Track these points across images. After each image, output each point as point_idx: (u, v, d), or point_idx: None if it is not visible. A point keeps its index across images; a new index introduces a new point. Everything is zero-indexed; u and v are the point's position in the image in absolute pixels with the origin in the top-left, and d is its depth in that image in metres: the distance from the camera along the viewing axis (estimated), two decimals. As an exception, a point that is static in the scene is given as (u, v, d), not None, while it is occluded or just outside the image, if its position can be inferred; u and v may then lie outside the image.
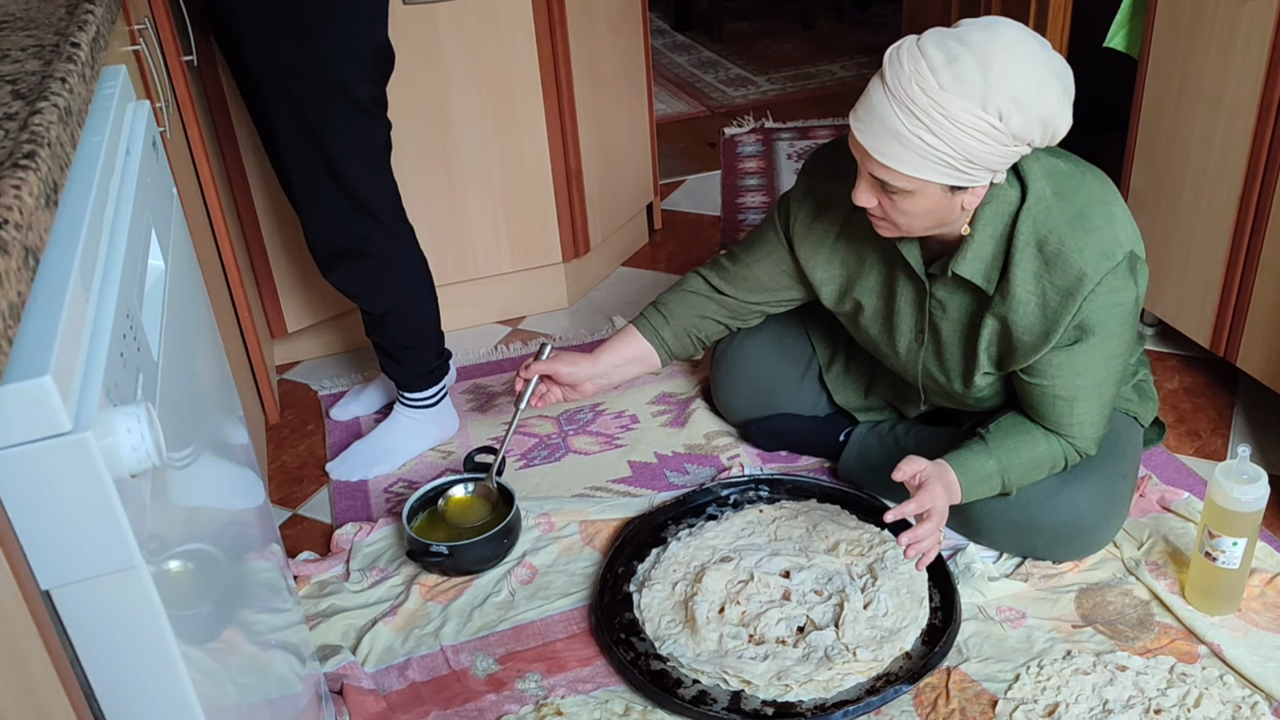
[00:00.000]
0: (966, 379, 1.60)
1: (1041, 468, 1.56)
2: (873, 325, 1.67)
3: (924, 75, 1.29)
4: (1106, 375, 1.50)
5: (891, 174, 1.35)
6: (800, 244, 1.67)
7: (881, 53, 1.37)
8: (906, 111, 1.30)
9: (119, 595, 0.63)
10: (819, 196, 1.64)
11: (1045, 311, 1.45)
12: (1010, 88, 1.29)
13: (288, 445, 2.06)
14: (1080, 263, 1.41)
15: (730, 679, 1.48)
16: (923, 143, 1.31)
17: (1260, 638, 1.51)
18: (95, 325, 0.66)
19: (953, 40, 1.31)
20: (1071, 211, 1.43)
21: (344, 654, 1.55)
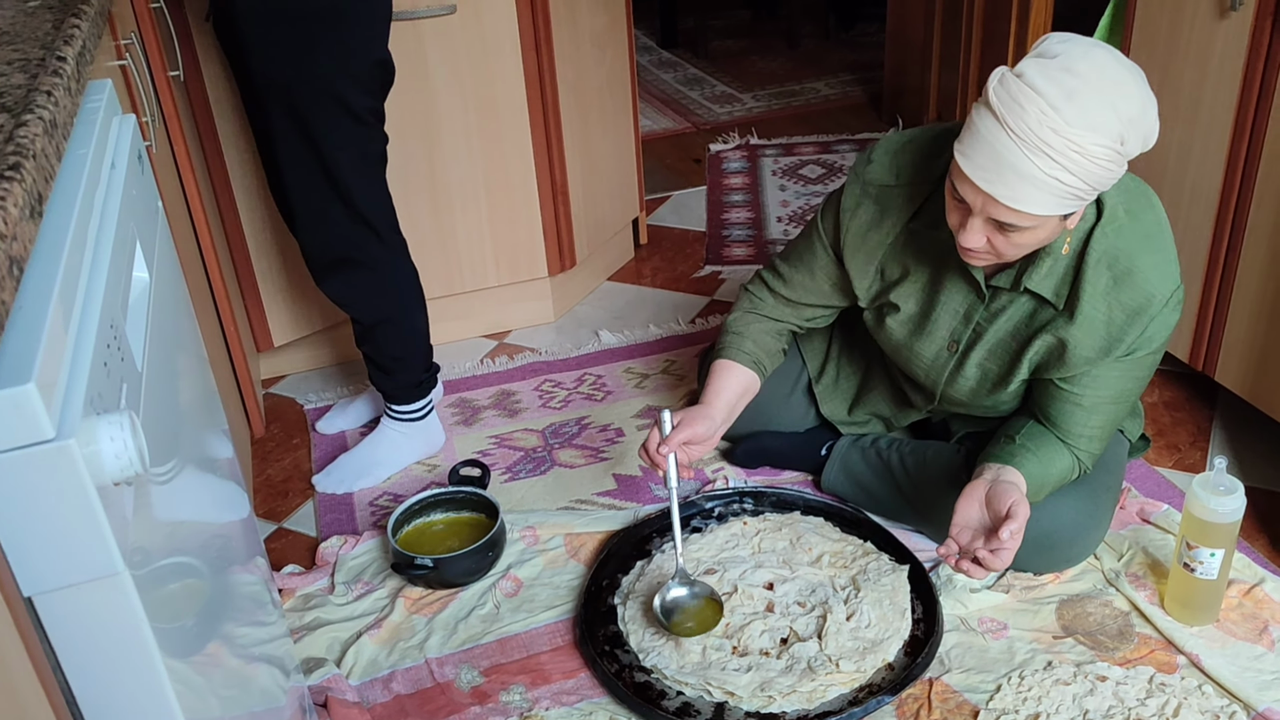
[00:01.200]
0: (998, 386, 1.60)
1: (1062, 480, 1.56)
2: (902, 329, 1.65)
3: (1049, 114, 1.25)
4: (1127, 394, 1.53)
5: (1019, 215, 1.33)
6: (851, 254, 1.63)
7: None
8: (1041, 155, 1.26)
9: (101, 602, 0.64)
10: (876, 203, 1.60)
11: (1110, 329, 1.46)
12: (1126, 111, 1.28)
13: (273, 459, 2.06)
14: (1149, 284, 1.43)
15: (714, 690, 1.48)
16: (1059, 182, 1.28)
17: (1238, 648, 1.53)
18: (79, 335, 0.67)
19: (1060, 71, 1.26)
20: (1141, 232, 1.45)
21: (328, 667, 1.55)
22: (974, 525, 1.45)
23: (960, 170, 1.33)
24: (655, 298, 2.58)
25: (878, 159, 1.60)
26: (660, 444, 1.53)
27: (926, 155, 1.56)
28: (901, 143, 1.60)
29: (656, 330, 2.42)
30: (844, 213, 1.62)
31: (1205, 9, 1.79)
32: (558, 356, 2.35)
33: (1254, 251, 1.81)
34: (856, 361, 1.86)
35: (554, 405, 2.19)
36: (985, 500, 1.46)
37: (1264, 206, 1.77)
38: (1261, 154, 1.75)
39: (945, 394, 1.68)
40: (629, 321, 2.48)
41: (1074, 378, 1.51)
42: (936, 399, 1.70)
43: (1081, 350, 1.48)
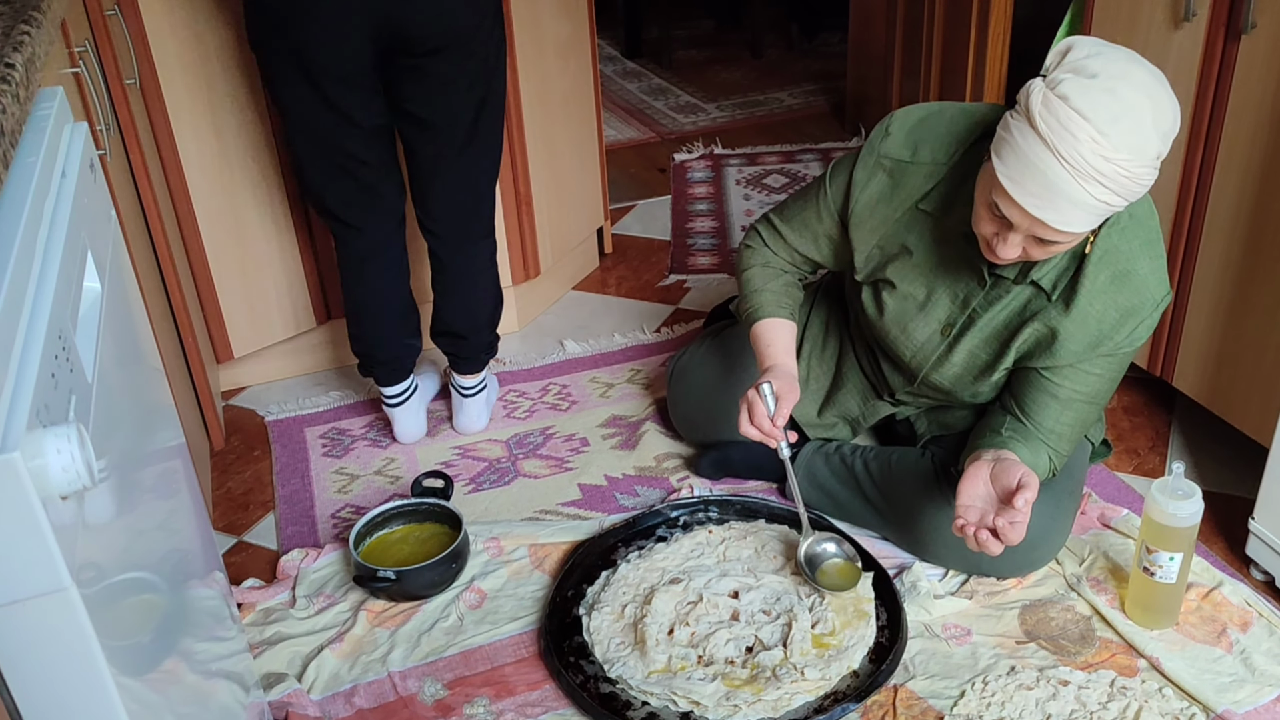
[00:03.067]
0: (986, 372, 1.61)
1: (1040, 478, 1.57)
2: (897, 308, 1.64)
3: (1100, 143, 1.26)
4: (1101, 394, 1.55)
5: (1064, 235, 1.34)
6: (857, 226, 1.63)
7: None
8: (1094, 183, 1.27)
9: (48, 619, 0.62)
10: (888, 180, 1.58)
11: (1102, 326, 1.48)
12: (1162, 127, 1.29)
13: (233, 471, 2.04)
14: (1144, 287, 1.46)
15: (679, 700, 1.48)
16: (1106, 205, 1.30)
17: (1197, 650, 1.54)
18: (25, 346, 0.65)
19: (1102, 94, 1.26)
20: (1145, 235, 1.47)
21: (289, 682, 1.53)
22: (980, 503, 1.46)
23: (1008, 195, 1.33)
24: (620, 307, 2.58)
25: (895, 132, 1.59)
26: (774, 418, 1.56)
27: (946, 139, 1.55)
28: (919, 117, 1.59)
29: (621, 339, 2.42)
30: (855, 184, 1.61)
31: (1160, 19, 1.82)
32: (522, 366, 2.34)
33: (1210, 258, 1.83)
34: (828, 361, 1.87)
35: (518, 415, 2.18)
36: (991, 477, 1.46)
37: (1219, 214, 1.79)
38: (1216, 162, 1.77)
39: (927, 378, 1.68)
40: (594, 331, 2.47)
41: (1058, 369, 1.52)
42: (917, 381, 1.70)
43: (1070, 343, 1.50)
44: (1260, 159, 1.69)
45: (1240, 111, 1.71)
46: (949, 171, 1.54)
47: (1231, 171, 1.75)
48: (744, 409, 1.58)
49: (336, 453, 2.07)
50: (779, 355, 1.66)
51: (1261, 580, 1.68)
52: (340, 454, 2.07)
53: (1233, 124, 1.73)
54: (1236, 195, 1.75)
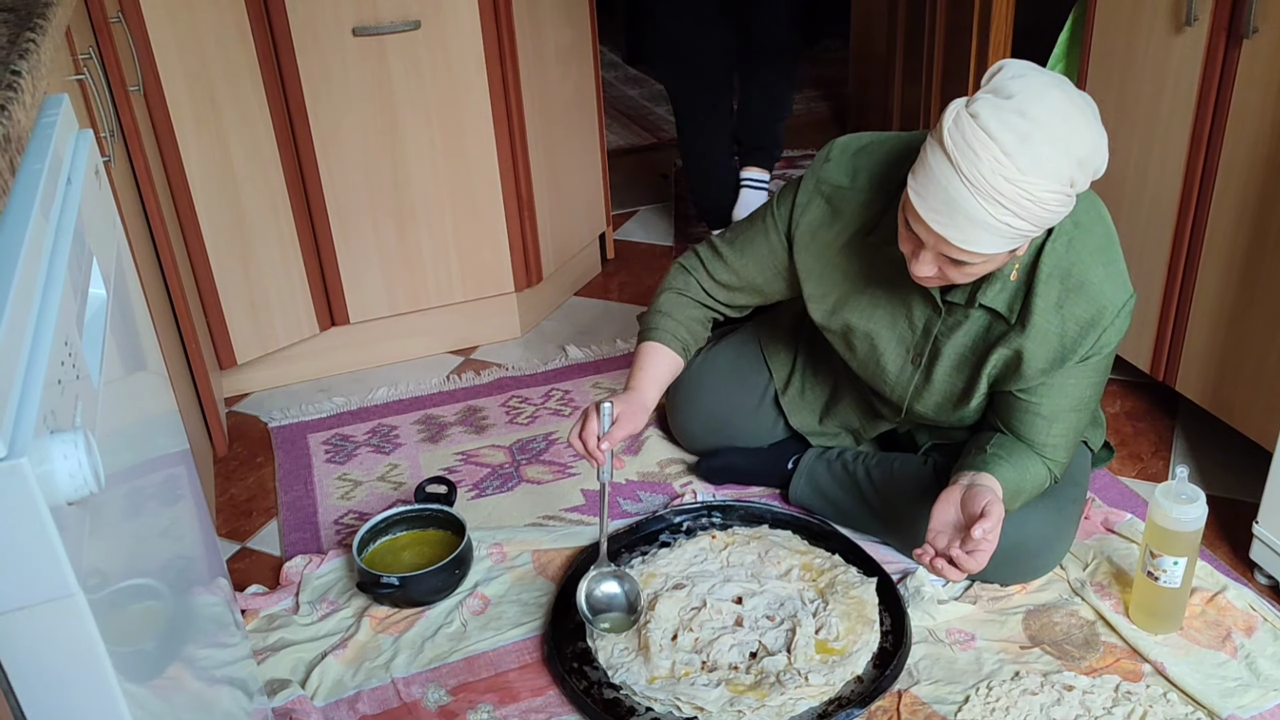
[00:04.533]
0: (962, 400, 1.61)
1: (1037, 490, 1.57)
2: (863, 344, 1.65)
3: (1003, 163, 1.25)
4: (1087, 400, 1.54)
5: (971, 255, 1.34)
6: (800, 251, 1.63)
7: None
8: (993, 202, 1.27)
9: (55, 625, 0.62)
10: (829, 202, 1.59)
11: (1064, 341, 1.48)
12: (1077, 153, 1.28)
13: (236, 478, 2.04)
14: (1101, 295, 1.45)
15: (683, 706, 1.47)
16: (1009, 226, 1.29)
17: (1202, 655, 1.54)
18: (32, 352, 0.65)
19: (1014, 115, 1.26)
20: (1093, 244, 1.46)
21: (293, 688, 1.53)
22: (950, 528, 1.46)
23: (914, 209, 1.34)
24: (622, 312, 2.58)
25: (835, 158, 1.59)
26: (602, 439, 1.52)
27: (886, 165, 1.56)
28: (861, 145, 1.59)
29: (624, 345, 2.42)
30: (797, 207, 1.62)
31: (1161, 25, 1.82)
32: (525, 372, 2.34)
33: (1212, 262, 1.83)
34: (823, 373, 1.87)
35: (521, 421, 2.18)
36: (961, 503, 1.46)
37: (1221, 218, 1.79)
38: (1218, 166, 1.77)
39: (911, 408, 1.68)
40: (596, 336, 2.47)
41: (1031, 388, 1.52)
42: (903, 413, 1.71)
43: (1036, 362, 1.50)
44: (1262, 164, 1.70)
45: (1242, 116, 1.71)
46: (890, 201, 1.54)
47: (1233, 177, 1.75)
48: (579, 419, 1.56)
49: (339, 459, 2.07)
50: (642, 382, 1.65)
51: (1266, 584, 1.68)
52: (343, 460, 2.07)
53: (1234, 129, 1.73)
54: (1238, 200, 1.75)
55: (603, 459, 1.53)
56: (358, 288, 2.26)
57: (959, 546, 1.41)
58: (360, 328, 2.32)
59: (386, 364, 2.38)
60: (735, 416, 1.91)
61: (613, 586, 1.60)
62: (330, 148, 2.11)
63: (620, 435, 1.53)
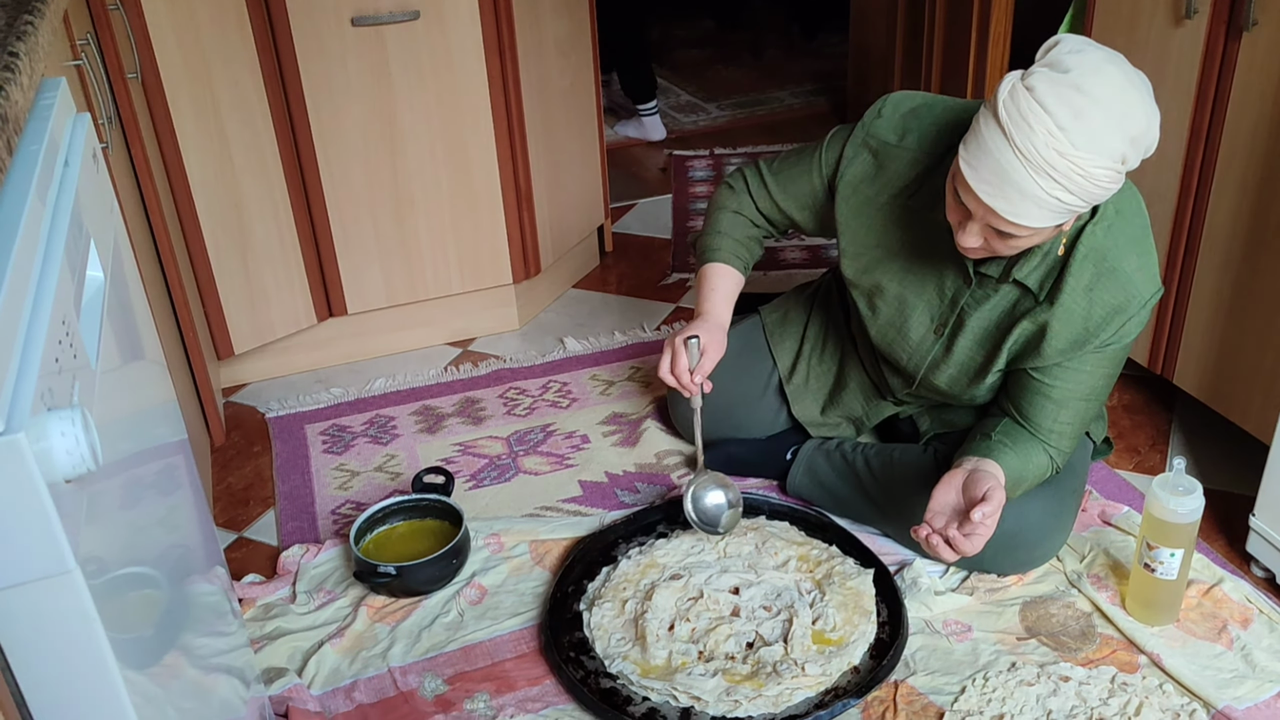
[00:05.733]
0: (979, 376, 1.61)
1: (1038, 479, 1.57)
2: (889, 308, 1.65)
3: (1056, 137, 1.25)
4: (1098, 391, 1.54)
5: (1019, 228, 1.33)
6: (841, 203, 1.63)
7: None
8: (1045, 176, 1.27)
9: (51, 601, 0.62)
10: (876, 155, 1.59)
11: (1089, 324, 1.48)
12: (1130, 131, 1.28)
13: (233, 467, 2.04)
14: (1131, 284, 1.45)
15: (680, 696, 1.47)
16: (1059, 200, 1.29)
17: (1198, 647, 1.54)
18: (30, 329, 0.65)
19: (1070, 90, 1.26)
20: (1131, 232, 1.47)
21: (289, 676, 1.53)
22: (949, 511, 1.46)
23: (965, 180, 1.33)
24: (620, 305, 2.58)
25: (887, 114, 1.60)
26: (694, 371, 1.61)
27: (936, 129, 1.55)
28: (914, 105, 1.59)
29: (622, 337, 2.42)
30: (844, 159, 1.63)
31: (1161, 16, 1.82)
32: (523, 364, 2.34)
33: (1211, 256, 1.83)
34: (828, 361, 1.87)
35: (519, 412, 2.18)
36: (962, 486, 1.47)
37: (1220, 211, 1.79)
38: (1217, 159, 1.77)
39: (925, 379, 1.68)
40: (594, 329, 2.47)
41: (1047, 369, 1.52)
42: (915, 383, 1.70)
43: (1057, 341, 1.50)
44: (1261, 156, 1.70)
45: (1241, 109, 1.71)
46: (936, 164, 1.53)
47: (1232, 169, 1.75)
48: (666, 354, 1.63)
49: (337, 449, 2.07)
50: (716, 304, 1.70)
51: (1262, 577, 1.68)
52: (340, 450, 2.07)
53: (1233, 121, 1.73)
54: (1237, 192, 1.75)
55: (697, 390, 1.63)
56: (356, 279, 2.26)
57: (957, 529, 1.41)
58: (358, 319, 2.32)
59: (384, 355, 2.38)
60: (738, 406, 1.91)
61: (719, 496, 1.72)
62: (329, 137, 2.11)
63: (710, 366, 1.62)
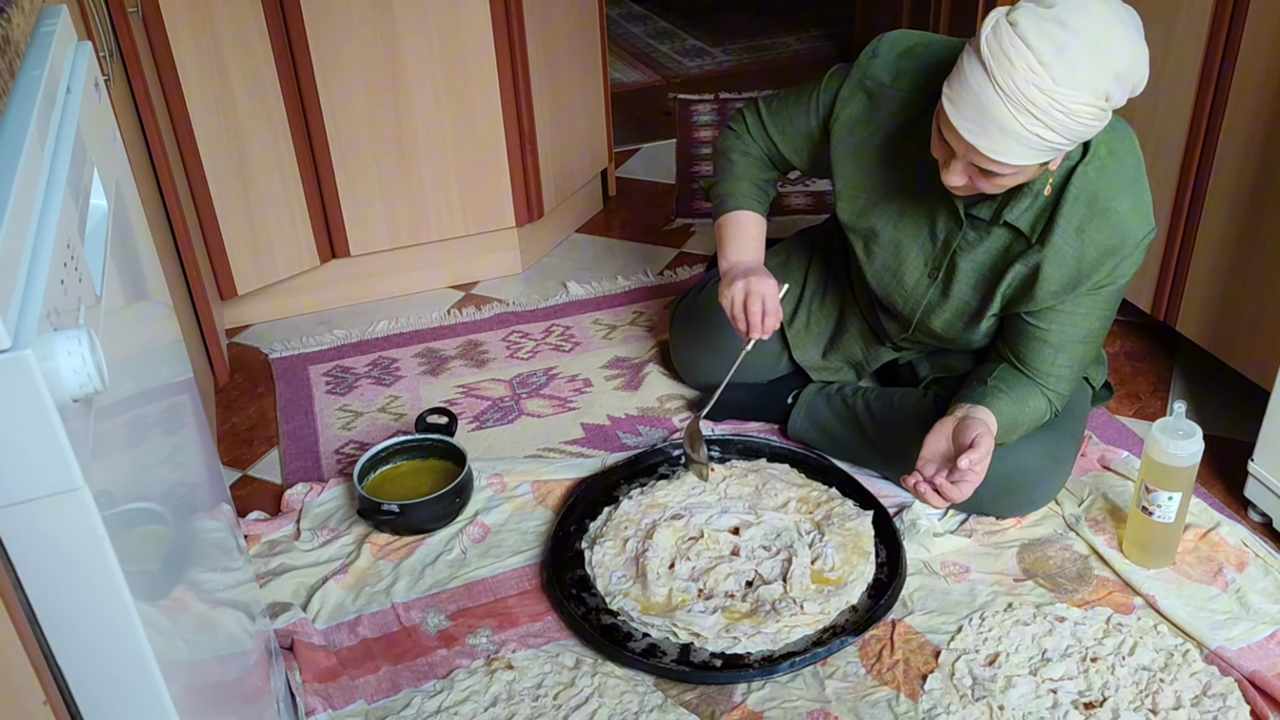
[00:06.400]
0: (976, 318, 1.61)
1: (1036, 423, 1.58)
2: (884, 251, 1.65)
3: (1037, 73, 1.24)
4: (1096, 332, 1.54)
5: (1001, 165, 1.33)
6: (837, 144, 1.63)
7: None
8: (1024, 112, 1.26)
9: (60, 518, 0.63)
10: (871, 97, 1.59)
11: (1081, 265, 1.47)
12: (1114, 67, 1.27)
13: (237, 407, 2.05)
14: (1124, 225, 1.45)
15: (680, 632, 1.49)
16: (1039, 138, 1.28)
17: (1193, 589, 1.56)
18: (35, 249, 0.65)
19: (1053, 25, 1.25)
20: (1124, 172, 1.46)
21: (294, 611, 1.55)
22: (939, 458, 1.47)
23: (946, 116, 1.33)
24: (624, 249, 2.58)
25: (883, 54, 1.59)
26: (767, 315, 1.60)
27: (930, 69, 1.54)
28: (909, 45, 1.58)
29: (625, 282, 2.42)
30: (839, 100, 1.62)
31: (1173, -41, 1.79)
32: (525, 307, 2.34)
33: (1217, 203, 1.82)
34: (829, 306, 1.87)
35: (521, 356, 2.18)
36: (953, 434, 1.47)
37: (1228, 159, 1.78)
38: (1226, 106, 1.76)
39: (921, 323, 1.68)
40: (597, 273, 2.47)
41: (1041, 312, 1.52)
42: (912, 328, 1.71)
43: (1049, 283, 1.50)
44: (1271, 103, 1.68)
45: (1252, 54, 1.70)
46: (929, 105, 1.51)
47: (1241, 114, 1.74)
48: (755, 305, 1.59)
49: (340, 390, 2.08)
50: (755, 250, 1.69)
51: (1259, 521, 1.69)
52: (344, 391, 2.08)
53: (1244, 66, 1.71)
54: (1245, 139, 1.74)
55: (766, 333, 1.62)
56: (359, 220, 2.25)
57: (946, 476, 1.42)
58: (361, 260, 2.31)
59: (387, 298, 2.38)
60: (738, 348, 1.91)
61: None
62: (331, 76, 2.09)
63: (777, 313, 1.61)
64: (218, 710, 0.97)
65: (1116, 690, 1.41)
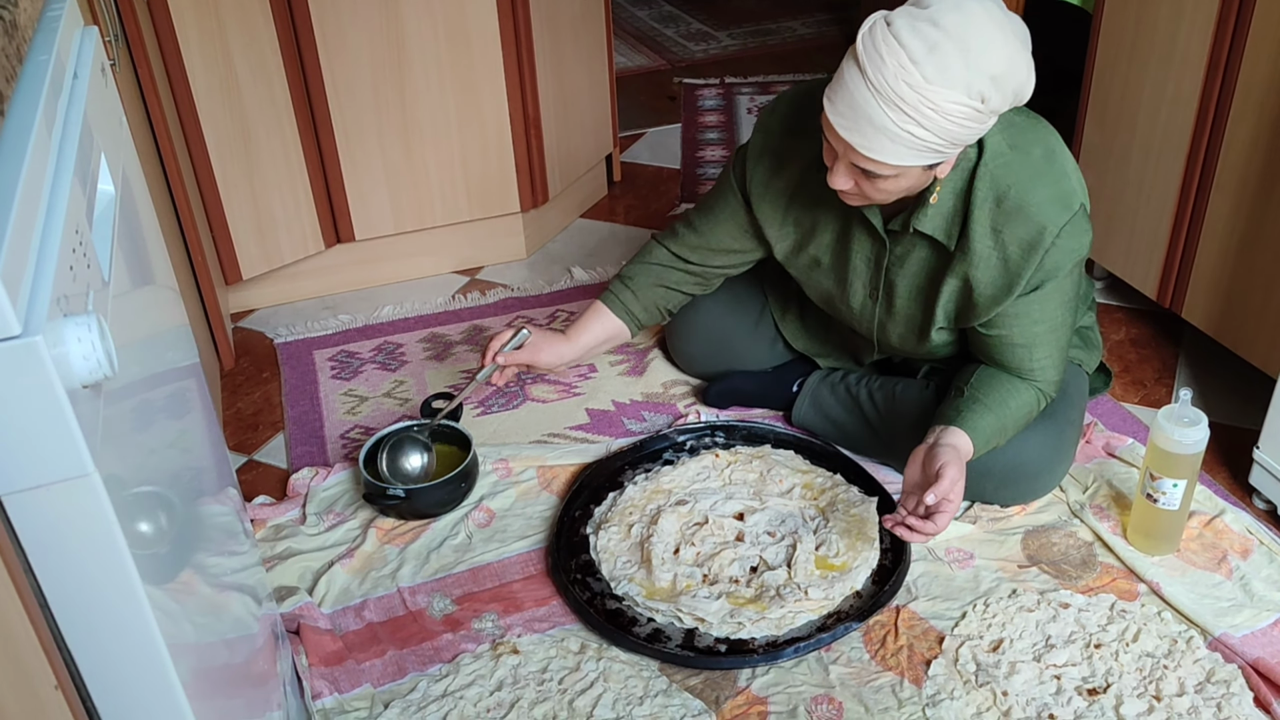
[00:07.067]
0: (922, 334, 1.62)
1: (1028, 416, 1.57)
2: (826, 281, 1.68)
3: (908, 69, 1.26)
4: (1062, 319, 1.54)
5: (877, 165, 1.34)
6: (758, 203, 1.66)
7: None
8: (894, 108, 1.28)
9: (71, 503, 0.63)
10: (775, 154, 1.63)
11: (1007, 265, 1.47)
12: (989, 69, 1.28)
13: (243, 392, 2.05)
14: (1040, 216, 1.44)
15: (684, 617, 1.50)
16: (911, 135, 1.29)
17: (1197, 576, 1.56)
18: (44, 235, 0.65)
19: (926, 24, 1.27)
20: (1028, 164, 1.45)
21: (300, 595, 1.55)
22: (917, 489, 1.46)
23: (825, 115, 1.35)
24: (628, 235, 2.57)
25: (780, 108, 1.63)
26: (497, 353, 1.65)
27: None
28: (804, 90, 1.61)
29: (629, 267, 2.41)
30: (749, 160, 1.65)
31: (1183, -56, 1.78)
32: (530, 293, 2.34)
33: (1224, 190, 1.82)
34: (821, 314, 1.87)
35: (526, 341, 2.18)
36: (922, 463, 1.47)
37: (1235, 146, 1.78)
38: (1234, 92, 1.75)
39: (881, 342, 1.71)
40: (602, 259, 2.47)
41: (992, 321, 1.52)
42: (875, 349, 1.74)
43: (984, 289, 1.50)
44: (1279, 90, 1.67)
45: (1260, 41, 1.69)
46: None
47: (1249, 102, 1.73)
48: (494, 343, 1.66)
49: (345, 375, 2.08)
50: (576, 333, 1.74)
51: (1264, 509, 1.70)
52: (349, 376, 2.08)
53: (1252, 54, 1.71)
54: (1254, 125, 1.73)
55: (488, 362, 1.66)
56: (363, 205, 2.25)
57: (915, 515, 1.42)
58: (366, 245, 2.31)
59: (392, 283, 2.38)
60: (733, 337, 1.91)
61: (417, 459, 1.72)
62: (335, 60, 2.09)
63: (525, 359, 1.66)
64: (225, 693, 0.97)
65: (1120, 677, 1.41)
